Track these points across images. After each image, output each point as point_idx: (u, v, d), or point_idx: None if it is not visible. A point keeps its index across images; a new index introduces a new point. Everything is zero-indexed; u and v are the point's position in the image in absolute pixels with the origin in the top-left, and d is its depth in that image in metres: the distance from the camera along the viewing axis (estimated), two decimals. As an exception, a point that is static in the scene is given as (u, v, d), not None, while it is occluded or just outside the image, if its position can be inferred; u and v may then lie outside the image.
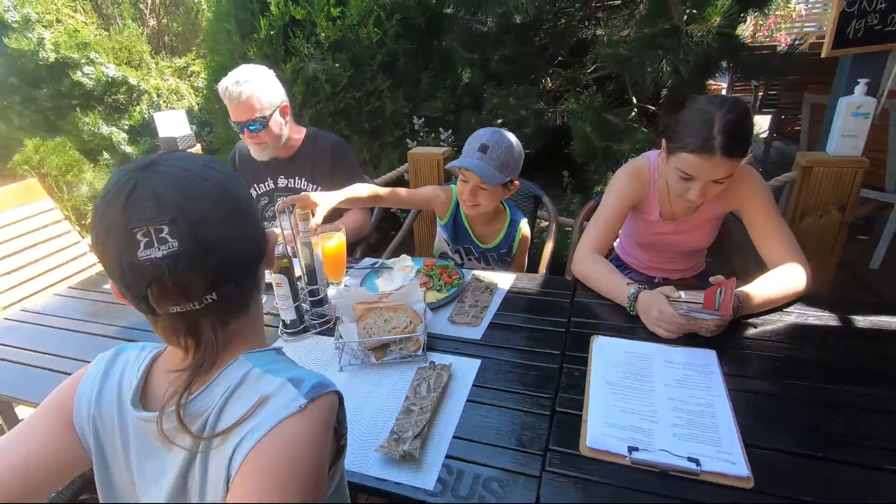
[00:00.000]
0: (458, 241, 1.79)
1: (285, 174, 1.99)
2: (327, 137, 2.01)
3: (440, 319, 1.32)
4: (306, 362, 1.18)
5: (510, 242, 1.74)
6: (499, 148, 1.51)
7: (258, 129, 1.77)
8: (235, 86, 1.70)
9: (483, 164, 1.50)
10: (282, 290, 1.21)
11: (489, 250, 1.77)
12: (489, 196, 1.58)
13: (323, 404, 0.63)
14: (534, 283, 1.48)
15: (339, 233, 1.43)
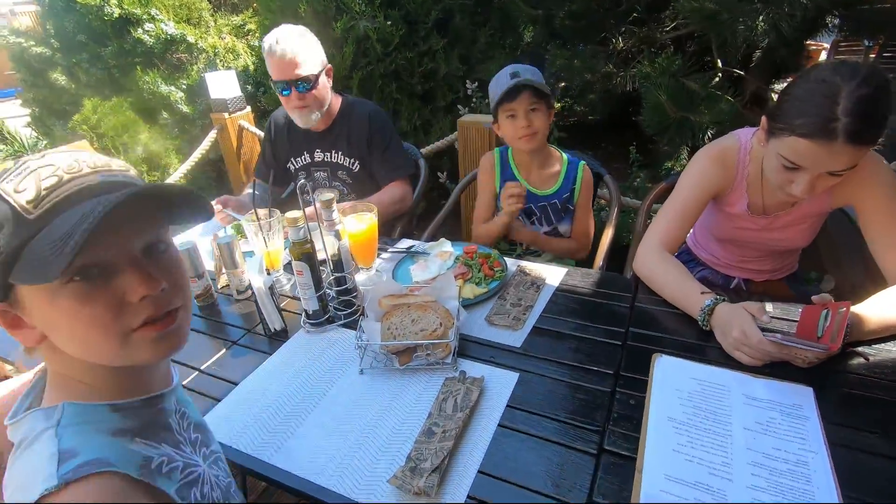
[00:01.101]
0: None
1: (322, 147, 1.86)
2: (364, 106, 1.86)
3: (476, 318, 1.17)
4: (325, 358, 1.08)
5: (571, 185, 1.60)
6: (527, 70, 1.47)
7: (307, 88, 1.65)
8: (281, 43, 1.59)
9: (522, 81, 1.42)
10: (303, 278, 1.11)
11: (549, 198, 1.61)
12: (542, 119, 1.50)
13: (89, 490, 0.50)
14: (587, 280, 1.29)
15: (370, 214, 1.30)
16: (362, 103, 1.87)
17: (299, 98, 1.68)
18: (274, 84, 1.68)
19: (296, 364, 1.07)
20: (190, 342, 1.13)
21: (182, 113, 3.99)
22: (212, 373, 1.07)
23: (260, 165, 2.03)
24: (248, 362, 1.10)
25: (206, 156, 3.06)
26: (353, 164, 1.85)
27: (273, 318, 1.15)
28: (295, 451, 0.86)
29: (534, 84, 1.43)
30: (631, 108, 3.18)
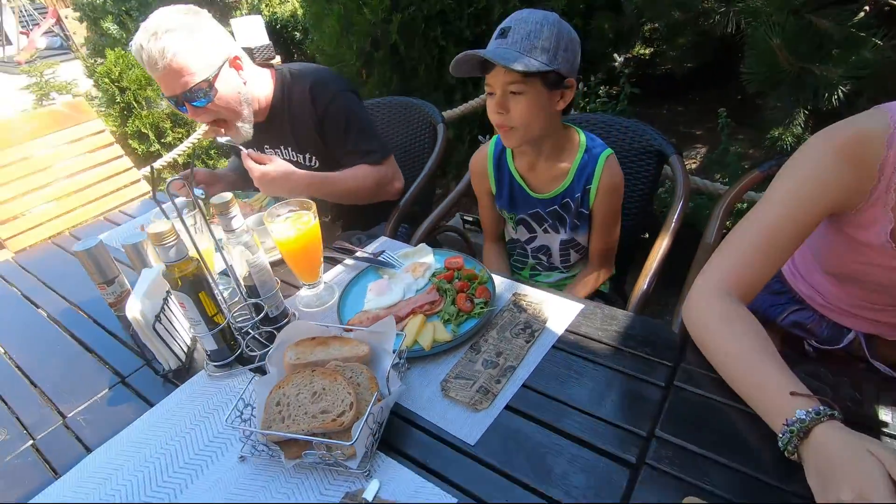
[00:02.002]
0: (518, 209, 1.23)
1: (270, 143, 1.45)
2: (302, 79, 1.36)
3: (428, 380, 0.81)
4: (212, 422, 0.78)
5: (583, 185, 1.12)
6: (524, 25, 0.98)
7: (205, 100, 1.20)
8: (149, 46, 1.12)
9: (501, 51, 0.97)
10: (186, 312, 0.80)
11: (552, 201, 1.16)
12: (526, 105, 1.00)
13: None
14: (610, 328, 0.87)
15: (307, 212, 0.95)
16: (301, 75, 1.36)
17: (197, 114, 1.24)
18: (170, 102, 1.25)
19: (174, 427, 0.79)
20: (76, 370, 0.90)
21: (225, 63, 3.81)
22: (74, 427, 0.82)
23: None
24: (124, 414, 0.83)
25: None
26: (309, 160, 1.42)
27: (165, 355, 0.87)
28: None
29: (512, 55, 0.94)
30: (731, 57, 2.47)
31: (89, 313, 1.10)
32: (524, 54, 0.96)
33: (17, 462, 0.77)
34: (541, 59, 0.96)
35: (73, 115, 1.97)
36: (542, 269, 1.34)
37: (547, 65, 0.96)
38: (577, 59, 1.04)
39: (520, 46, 0.96)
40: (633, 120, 1.44)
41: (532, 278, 1.35)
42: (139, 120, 2.62)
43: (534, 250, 1.31)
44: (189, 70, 1.16)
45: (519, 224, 1.26)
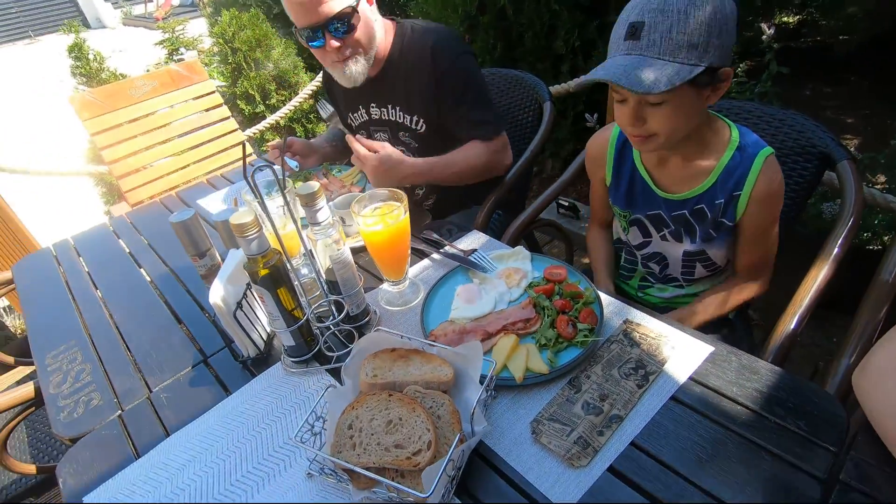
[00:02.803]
0: (635, 207, 1.04)
1: (377, 101, 1.36)
2: (423, 36, 1.26)
3: (514, 418, 0.70)
4: (286, 423, 0.74)
5: (731, 189, 0.90)
6: (663, 18, 0.76)
7: (345, 31, 1.14)
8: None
9: (633, 62, 0.77)
10: (266, 306, 0.76)
11: (682, 204, 0.96)
12: (669, 114, 0.82)
13: None
14: (748, 383, 0.70)
15: (398, 204, 0.86)
16: (423, 32, 1.27)
17: (339, 48, 1.17)
18: (300, 34, 1.18)
19: (248, 422, 0.76)
20: (166, 342, 0.91)
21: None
22: (156, 403, 0.83)
23: None
24: (202, 398, 0.82)
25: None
26: (416, 123, 1.33)
27: (245, 342, 0.85)
28: None
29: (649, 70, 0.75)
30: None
31: (184, 282, 1.12)
32: (666, 59, 0.76)
33: (105, 433, 0.79)
34: (689, 61, 0.76)
35: (189, 76, 2.05)
36: (654, 280, 1.15)
37: (697, 64, 0.76)
38: (734, 37, 0.80)
39: (659, 49, 0.76)
40: (792, 112, 1.17)
41: (641, 291, 1.17)
42: (247, 81, 2.70)
43: (645, 257, 1.12)
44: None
45: (632, 225, 1.07)
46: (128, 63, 2.63)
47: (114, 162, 1.88)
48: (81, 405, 0.84)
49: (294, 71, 2.87)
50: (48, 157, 5.37)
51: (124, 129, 1.92)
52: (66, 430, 0.81)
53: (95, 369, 0.92)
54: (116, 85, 1.92)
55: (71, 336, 1.01)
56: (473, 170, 1.29)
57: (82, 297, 1.13)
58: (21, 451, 1.22)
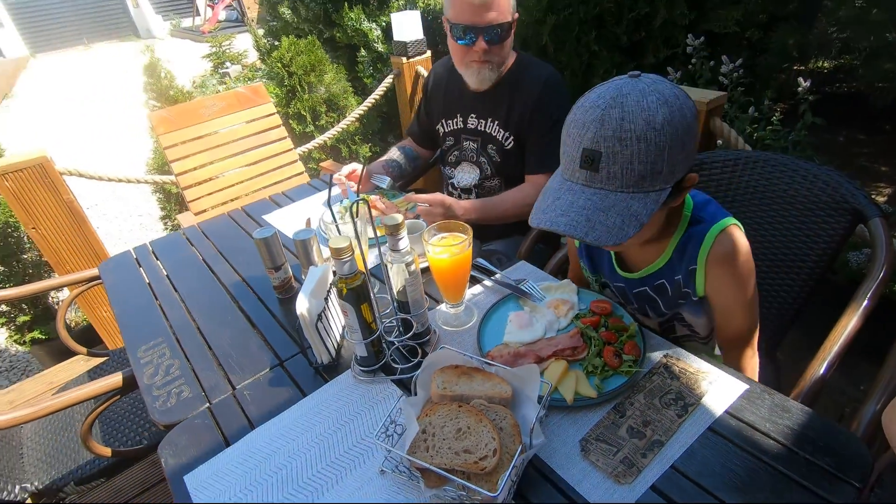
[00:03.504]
0: (602, 275, 1.08)
1: (478, 112, 1.55)
2: (541, 69, 1.47)
3: (566, 435, 0.79)
4: (359, 424, 0.84)
5: (686, 264, 0.90)
6: (622, 149, 0.71)
7: (496, 40, 1.35)
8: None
9: (592, 202, 0.75)
10: (348, 319, 0.86)
11: (642, 282, 0.97)
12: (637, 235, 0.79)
13: None
14: (780, 421, 0.77)
15: (463, 236, 0.96)
16: (539, 66, 1.48)
17: (480, 52, 1.37)
18: (452, 27, 1.37)
19: (324, 422, 0.86)
20: (243, 344, 1.02)
21: (378, 51, 4.02)
22: (241, 399, 0.93)
23: (413, 124, 1.83)
24: (279, 397, 0.93)
25: (382, 100, 3.00)
26: (506, 139, 1.51)
27: (320, 350, 0.95)
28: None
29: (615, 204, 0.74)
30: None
31: (256, 291, 1.24)
32: (629, 192, 0.73)
33: (198, 422, 0.89)
34: (654, 187, 0.73)
35: (253, 98, 2.21)
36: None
37: (663, 188, 0.74)
38: (697, 139, 0.78)
39: (621, 182, 0.73)
40: (825, 167, 1.25)
41: None
42: (300, 103, 2.88)
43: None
44: (502, 9, 1.31)
45: (605, 288, 1.09)
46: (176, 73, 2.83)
47: (182, 174, 2.04)
48: (174, 396, 0.96)
49: (343, 95, 3.05)
50: (105, 162, 5.66)
51: (192, 145, 2.08)
52: (162, 417, 0.92)
53: (183, 365, 1.03)
54: (190, 104, 2.09)
55: (158, 333, 1.13)
56: (519, 209, 1.43)
57: (164, 298, 1.26)
58: (94, 435, 1.34)
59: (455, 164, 1.67)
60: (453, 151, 1.66)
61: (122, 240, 4.05)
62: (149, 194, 3.91)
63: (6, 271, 2.40)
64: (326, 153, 3.09)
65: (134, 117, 6.74)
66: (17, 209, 1.97)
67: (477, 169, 1.61)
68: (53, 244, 2.08)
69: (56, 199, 2.02)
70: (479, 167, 1.60)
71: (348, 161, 3.36)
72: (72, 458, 1.30)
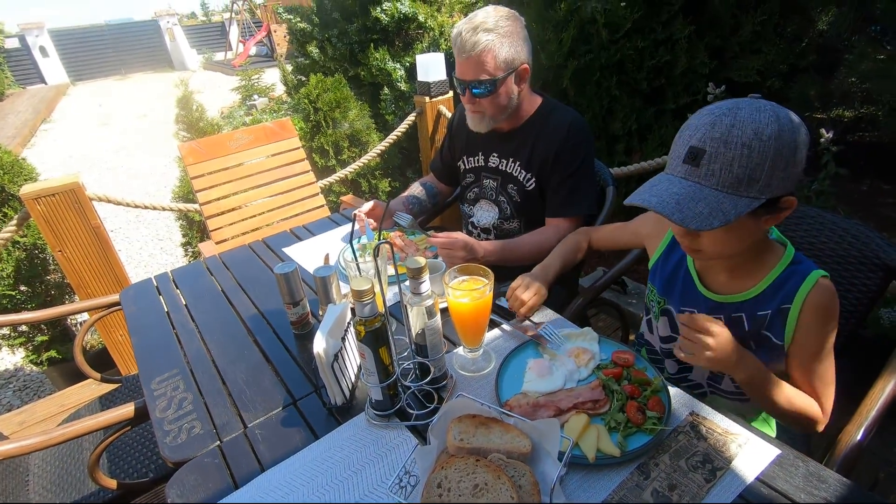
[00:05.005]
0: (671, 298, 1.04)
1: (500, 151, 1.58)
2: (565, 114, 1.49)
3: (587, 494, 0.75)
4: (370, 474, 0.81)
5: (780, 301, 0.88)
6: (726, 151, 0.75)
7: (482, 93, 1.39)
8: (472, 34, 1.33)
9: (687, 191, 0.78)
10: (366, 362, 0.85)
11: (721, 307, 0.94)
12: (722, 238, 0.84)
13: None
14: (818, 488, 0.73)
15: (484, 280, 0.96)
16: (564, 110, 1.51)
17: (470, 102, 1.44)
18: (453, 76, 1.46)
19: (335, 468, 0.84)
20: (257, 381, 1.01)
21: (400, 90, 4.15)
22: (252, 438, 0.92)
23: (436, 159, 1.86)
24: (291, 438, 0.91)
25: (403, 137, 3.07)
26: (527, 180, 1.52)
27: (335, 391, 0.94)
28: None
29: (703, 202, 0.77)
30: None
31: (273, 325, 1.23)
32: (724, 191, 0.76)
33: (207, 461, 0.88)
34: (748, 194, 0.76)
35: (279, 132, 2.28)
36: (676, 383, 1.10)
37: (756, 198, 0.76)
38: (803, 165, 0.79)
39: (718, 181, 0.76)
40: (853, 221, 1.23)
41: None
42: (324, 137, 2.95)
43: (667, 352, 1.08)
44: (485, 68, 1.35)
45: (664, 315, 1.06)
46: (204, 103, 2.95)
47: (206, 203, 2.08)
48: (184, 432, 0.94)
49: (366, 131, 3.12)
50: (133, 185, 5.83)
51: (218, 175, 2.13)
52: (172, 453, 0.90)
53: (196, 399, 1.02)
54: (219, 136, 2.16)
55: (174, 365, 1.13)
56: (540, 252, 1.41)
57: (182, 329, 1.26)
58: (101, 465, 1.32)
59: (473, 202, 1.68)
60: (472, 188, 1.67)
61: (142, 263, 4.12)
62: (171, 220, 4.00)
63: (29, 291, 2.44)
64: (347, 187, 3.15)
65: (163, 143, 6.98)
66: (45, 232, 2.02)
67: (496, 208, 1.62)
68: (77, 267, 2.12)
69: (84, 224, 2.07)
70: (498, 206, 1.61)
71: (368, 195, 3.42)
72: (76, 489, 1.28)
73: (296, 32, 4.57)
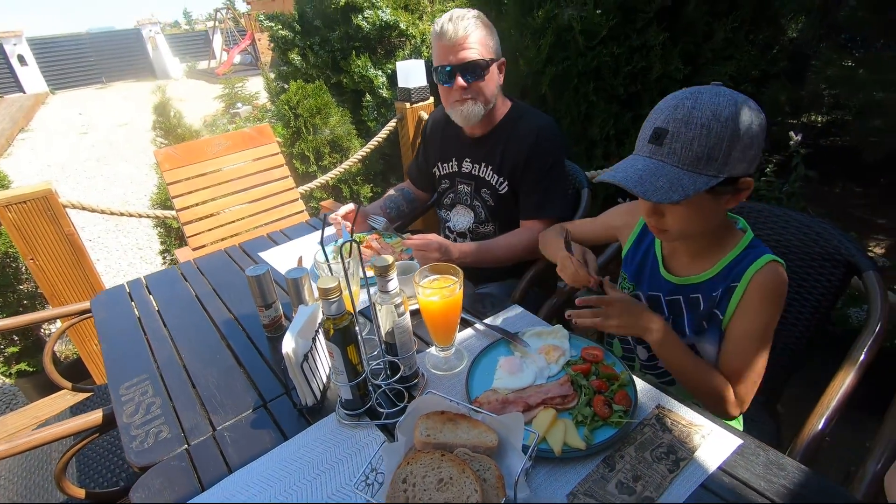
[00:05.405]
0: (640, 284, 1.10)
1: (472, 157, 1.59)
2: (535, 118, 1.51)
3: (553, 487, 0.75)
4: (338, 473, 0.81)
5: (730, 280, 0.93)
6: (687, 131, 0.81)
7: (475, 77, 1.39)
8: (453, 22, 1.36)
9: (651, 168, 0.83)
10: (334, 361, 0.85)
11: (679, 289, 1.00)
12: (685, 216, 0.89)
13: None
14: (775, 480, 0.74)
15: (454, 279, 0.96)
16: (534, 114, 1.54)
17: (460, 89, 1.41)
18: (436, 72, 1.45)
19: (303, 468, 0.83)
20: (228, 383, 1.00)
21: (382, 97, 4.16)
22: (220, 441, 0.91)
23: (412, 167, 1.87)
24: (260, 440, 0.90)
25: (385, 143, 3.08)
26: (500, 184, 1.54)
27: (305, 392, 0.93)
28: None
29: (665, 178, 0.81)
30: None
31: (246, 328, 1.23)
32: (684, 168, 0.81)
33: (174, 465, 0.86)
34: (707, 172, 0.81)
35: (258, 138, 2.27)
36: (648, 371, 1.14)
37: (715, 176, 0.81)
38: (760, 150, 0.84)
39: (678, 159, 0.81)
40: (819, 219, 1.26)
41: None
42: (304, 143, 2.95)
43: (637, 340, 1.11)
44: (477, 50, 1.37)
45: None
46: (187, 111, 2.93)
47: (183, 209, 2.06)
48: (151, 436, 0.93)
49: (347, 137, 3.13)
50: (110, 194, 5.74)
51: (196, 181, 2.12)
52: (138, 458, 0.89)
53: (164, 403, 1.01)
54: (196, 142, 2.15)
55: (143, 370, 1.11)
56: (514, 253, 1.44)
57: (153, 335, 1.24)
58: (70, 475, 1.29)
59: (450, 207, 1.69)
60: (448, 194, 1.68)
61: (121, 272, 4.06)
62: (150, 229, 3.95)
63: (0, 302, 2.39)
64: (328, 193, 3.14)
65: (143, 152, 6.89)
66: (17, 240, 1.98)
67: (471, 212, 1.63)
68: (50, 276, 2.08)
69: (57, 232, 2.04)
70: (474, 210, 1.62)
71: (349, 201, 3.41)
72: (44, 500, 1.25)
73: (277, 40, 4.57)
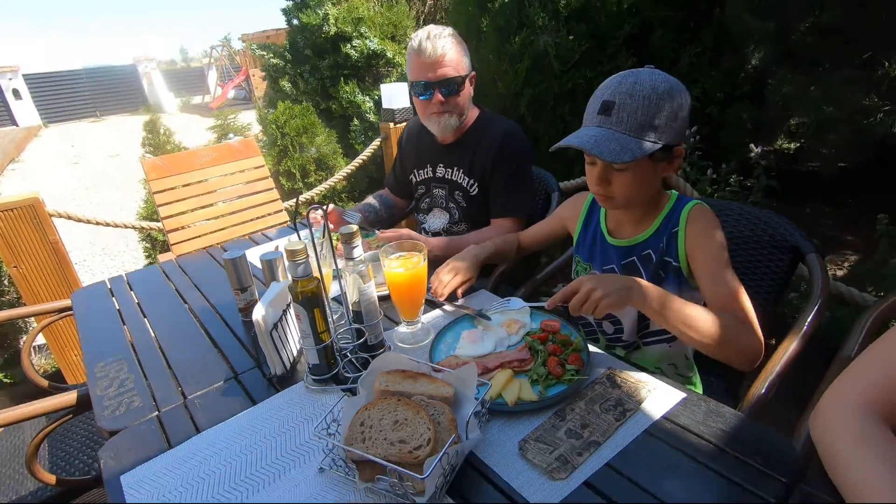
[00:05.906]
0: (594, 261, 1.18)
1: (445, 162, 1.68)
2: (500, 124, 1.61)
3: (506, 438, 0.79)
4: (305, 429, 0.84)
5: (670, 228, 1.03)
6: (631, 101, 0.92)
7: (452, 91, 1.49)
8: (431, 40, 1.45)
9: (603, 134, 0.93)
10: (301, 324, 0.89)
11: (630, 250, 1.09)
12: (630, 180, 0.98)
13: None
14: (715, 426, 0.79)
15: (419, 254, 1.02)
16: (500, 120, 1.64)
17: (438, 103, 1.51)
18: (413, 86, 1.55)
19: (269, 427, 0.86)
20: (202, 360, 1.04)
21: (370, 121, 4.31)
22: (191, 408, 0.94)
23: (390, 176, 1.96)
24: (232, 406, 0.93)
25: (370, 162, 3.18)
26: (471, 185, 1.63)
27: (274, 360, 0.97)
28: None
29: (615, 142, 0.91)
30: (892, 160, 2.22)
31: (222, 314, 1.26)
32: (630, 135, 0.92)
33: (143, 428, 0.89)
34: (649, 139, 0.93)
35: (243, 151, 2.35)
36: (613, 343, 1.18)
37: (655, 142, 0.93)
38: (688, 121, 0.98)
39: (626, 126, 0.92)
40: (767, 211, 1.35)
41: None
42: (291, 161, 3.04)
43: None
44: (454, 67, 1.47)
45: None
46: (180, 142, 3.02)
47: (168, 217, 2.12)
48: (124, 405, 0.95)
49: (333, 156, 3.23)
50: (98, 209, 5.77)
51: (181, 191, 2.18)
52: (109, 423, 0.91)
53: (138, 379, 1.04)
54: (183, 154, 2.22)
55: (119, 352, 1.14)
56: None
57: (132, 323, 1.28)
58: (42, 461, 1.29)
59: (427, 211, 1.77)
60: (425, 199, 1.76)
61: (105, 293, 4.04)
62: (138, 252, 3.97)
63: (-19, 313, 2.39)
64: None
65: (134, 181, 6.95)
66: (2, 248, 2.01)
67: (446, 214, 1.71)
68: (33, 284, 2.10)
69: (42, 240, 2.07)
70: (449, 212, 1.70)
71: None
72: (13, 489, 1.24)
73: (269, 68, 4.74)
